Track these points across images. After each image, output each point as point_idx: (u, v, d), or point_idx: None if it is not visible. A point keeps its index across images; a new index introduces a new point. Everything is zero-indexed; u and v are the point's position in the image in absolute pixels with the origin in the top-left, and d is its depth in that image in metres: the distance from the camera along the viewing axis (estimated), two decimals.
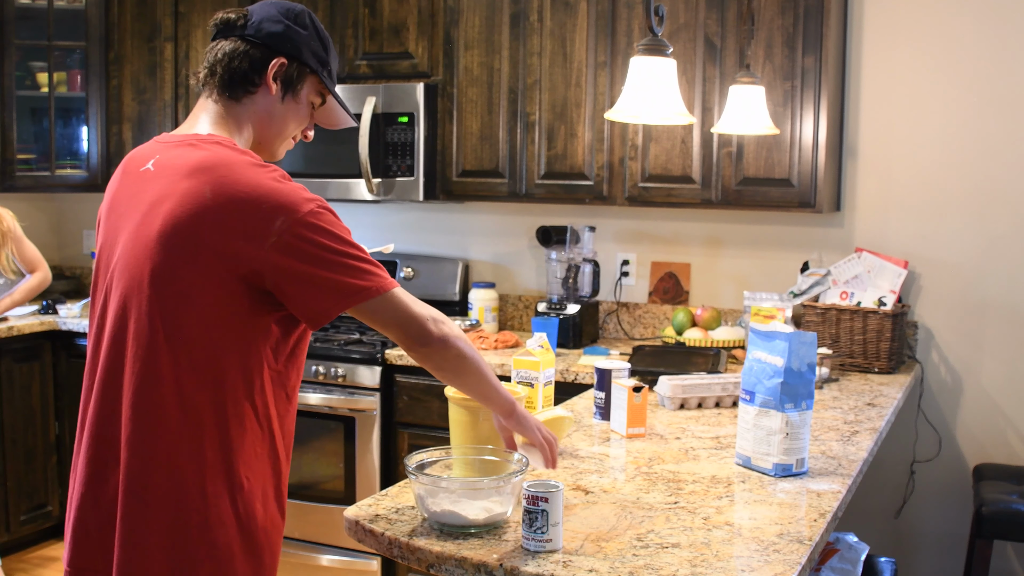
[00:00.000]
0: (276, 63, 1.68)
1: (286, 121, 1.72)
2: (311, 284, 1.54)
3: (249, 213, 1.51)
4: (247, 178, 1.54)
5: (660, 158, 3.47)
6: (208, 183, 1.53)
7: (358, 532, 1.71)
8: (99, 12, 4.31)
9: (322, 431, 3.59)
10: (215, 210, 1.52)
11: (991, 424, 3.44)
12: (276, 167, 1.61)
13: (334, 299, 1.55)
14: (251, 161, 1.58)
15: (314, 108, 1.77)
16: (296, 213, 1.52)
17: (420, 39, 3.80)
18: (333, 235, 1.55)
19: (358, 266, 1.56)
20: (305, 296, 1.55)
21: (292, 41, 1.68)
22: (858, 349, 3.29)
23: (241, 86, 1.67)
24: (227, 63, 1.67)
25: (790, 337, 1.99)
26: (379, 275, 1.59)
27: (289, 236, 1.51)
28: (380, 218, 4.30)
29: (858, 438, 2.39)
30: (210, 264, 1.52)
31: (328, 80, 1.75)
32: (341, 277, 1.54)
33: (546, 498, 1.55)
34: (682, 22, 3.40)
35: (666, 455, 2.19)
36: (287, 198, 1.53)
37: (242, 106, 1.69)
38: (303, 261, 1.52)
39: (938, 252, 3.48)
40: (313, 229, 1.53)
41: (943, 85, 3.45)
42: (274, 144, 1.75)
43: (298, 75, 1.71)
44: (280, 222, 1.51)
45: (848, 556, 2.36)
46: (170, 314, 1.54)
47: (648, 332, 3.88)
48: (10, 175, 4.24)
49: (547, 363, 2.31)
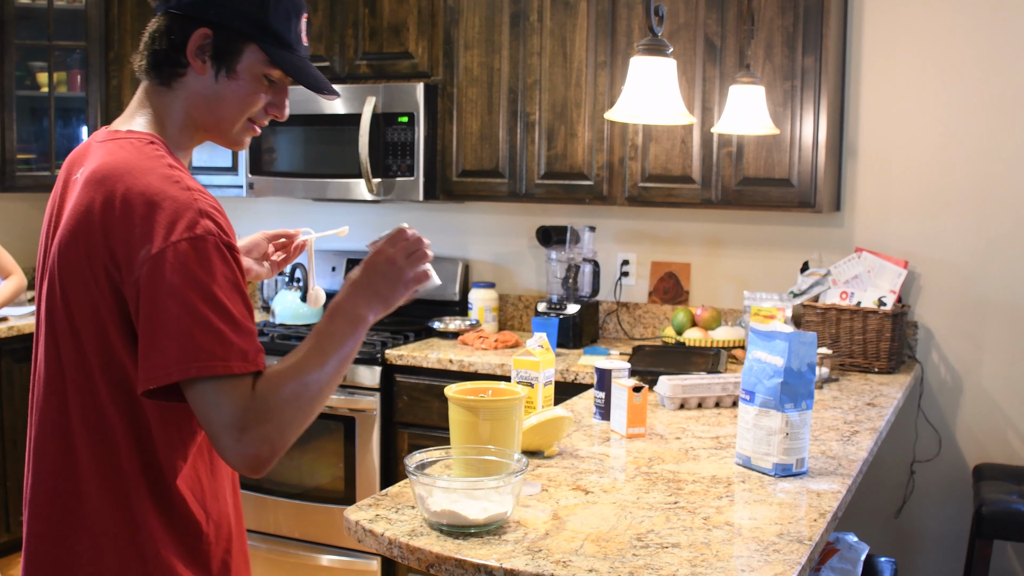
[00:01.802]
0: (198, 36, 1.41)
1: (227, 103, 1.45)
2: (149, 333, 1.30)
3: (127, 230, 1.31)
4: (140, 187, 1.33)
5: (660, 158, 3.47)
6: (98, 196, 1.34)
7: (358, 532, 1.71)
8: (99, 12, 4.30)
9: (322, 431, 3.59)
10: (102, 223, 1.33)
11: (991, 424, 3.45)
12: (181, 174, 1.38)
13: (174, 359, 1.28)
14: (151, 167, 1.37)
15: (271, 82, 1.48)
16: (171, 237, 1.30)
17: (420, 39, 3.80)
18: (203, 276, 1.30)
19: (218, 326, 1.29)
20: (142, 347, 1.31)
21: (215, 6, 1.41)
22: (858, 349, 3.29)
23: (167, 68, 1.44)
24: (150, 44, 1.44)
25: (790, 337, 1.99)
26: (239, 347, 1.31)
27: (152, 266, 1.29)
28: (380, 218, 4.30)
29: (858, 438, 2.39)
30: (88, 288, 1.35)
31: (272, 47, 1.44)
32: (192, 333, 1.28)
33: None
34: (682, 22, 3.40)
35: (666, 455, 2.19)
36: (172, 217, 1.31)
37: (173, 92, 1.45)
38: (150, 302, 1.30)
39: (938, 252, 3.48)
40: (181, 262, 1.29)
41: (943, 85, 3.45)
42: (223, 132, 1.49)
43: (229, 46, 1.42)
44: (151, 246, 1.30)
45: (848, 556, 2.36)
46: (62, 340, 1.39)
47: (648, 332, 3.88)
48: (10, 175, 4.24)
49: (547, 363, 2.31)
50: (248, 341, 1.33)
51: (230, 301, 1.32)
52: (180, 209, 1.32)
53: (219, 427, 1.30)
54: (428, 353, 3.50)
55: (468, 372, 3.39)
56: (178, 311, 1.28)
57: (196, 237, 1.30)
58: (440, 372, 3.45)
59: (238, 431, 1.29)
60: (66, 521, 1.40)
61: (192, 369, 1.28)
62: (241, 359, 1.31)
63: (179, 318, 1.28)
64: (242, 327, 1.32)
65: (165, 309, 1.29)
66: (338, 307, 1.44)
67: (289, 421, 1.34)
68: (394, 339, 3.67)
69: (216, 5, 1.41)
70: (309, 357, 1.37)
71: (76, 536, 1.40)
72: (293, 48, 1.47)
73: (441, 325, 3.84)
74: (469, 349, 3.59)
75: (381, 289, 1.46)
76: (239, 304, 1.33)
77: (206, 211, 1.34)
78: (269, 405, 1.31)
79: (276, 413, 1.32)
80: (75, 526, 1.40)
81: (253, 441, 1.30)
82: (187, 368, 1.28)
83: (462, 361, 3.41)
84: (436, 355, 3.48)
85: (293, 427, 1.35)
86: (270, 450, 1.31)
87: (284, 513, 3.67)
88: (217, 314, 1.30)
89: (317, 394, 1.37)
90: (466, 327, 3.84)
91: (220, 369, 1.29)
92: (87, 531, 1.39)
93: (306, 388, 1.35)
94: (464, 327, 3.83)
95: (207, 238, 1.31)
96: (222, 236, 1.34)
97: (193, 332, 1.28)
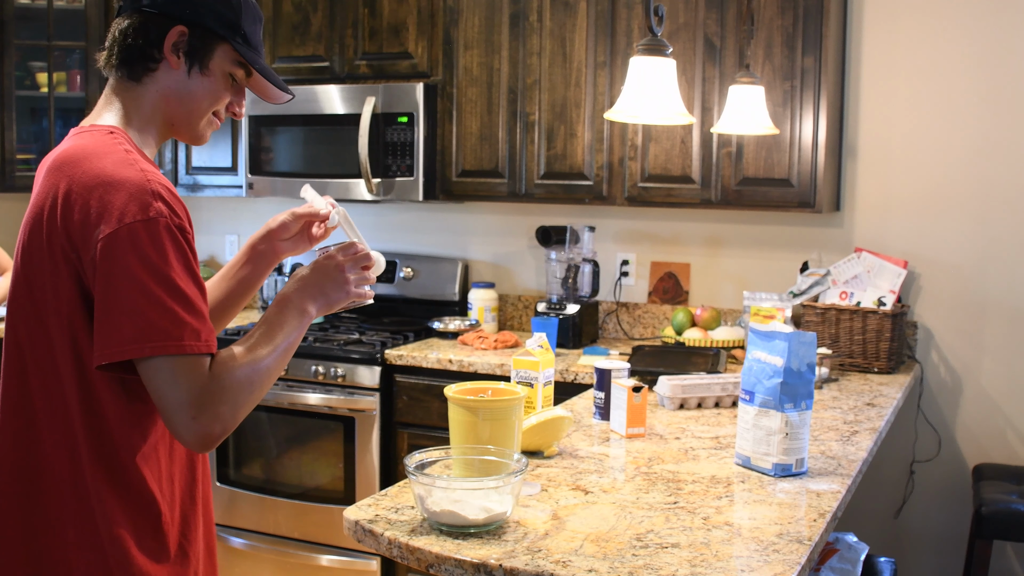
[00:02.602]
0: (174, 33, 1.48)
1: (197, 98, 1.52)
2: (105, 312, 1.35)
3: (83, 212, 1.36)
4: (95, 170, 1.38)
5: (660, 158, 3.47)
6: (55, 182, 1.40)
7: (358, 532, 1.71)
8: (99, 12, 4.30)
9: (322, 431, 3.59)
10: (61, 207, 1.38)
11: (991, 424, 3.45)
12: (136, 158, 1.42)
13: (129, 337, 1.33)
14: (107, 152, 1.41)
15: (235, 81, 1.55)
16: (124, 218, 1.34)
17: (420, 39, 3.80)
18: (156, 257, 1.34)
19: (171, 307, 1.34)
20: (97, 324, 1.36)
21: (192, 5, 1.48)
22: (858, 349, 3.29)
23: (139, 63, 1.49)
24: (121, 40, 1.49)
25: (790, 337, 1.99)
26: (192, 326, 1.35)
27: (106, 246, 1.34)
28: (380, 218, 4.30)
29: (858, 438, 2.39)
30: (49, 271, 1.40)
31: (243, 47, 1.52)
32: (145, 312, 1.33)
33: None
34: (682, 22, 3.41)
35: (666, 455, 2.19)
36: (126, 199, 1.35)
37: (143, 86, 1.51)
38: (105, 281, 1.34)
39: (938, 252, 3.48)
40: (134, 243, 1.33)
41: (943, 85, 3.45)
42: (191, 125, 1.55)
43: (203, 44, 1.50)
44: (105, 226, 1.34)
45: (848, 556, 2.36)
46: (24, 321, 1.44)
47: (648, 332, 3.88)
48: (10, 175, 4.24)
49: (547, 363, 2.31)
50: (200, 322, 1.38)
51: (182, 282, 1.37)
52: (133, 191, 1.36)
53: (176, 405, 1.35)
54: (428, 353, 3.50)
55: (468, 372, 3.39)
56: (132, 291, 1.33)
57: (149, 219, 1.35)
58: (440, 372, 3.45)
59: (195, 409, 1.35)
60: (28, 497, 1.44)
61: (147, 348, 1.33)
62: (195, 338, 1.36)
63: (133, 298, 1.33)
64: (195, 308, 1.37)
65: (119, 288, 1.33)
66: (286, 299, 1.52)
67: (242, 402, 1.40)
68: (394, 339, 3.67)
69: (192, 5, 1.48)
70: (260, 342, 1.45)
71: (37, 511, 1.44)
72: (257, 51, 1.57)
73: (441, 325, 3.84)
74: (469, 349, 3.59)
75: (327, 290, 1.55)
76: (191, 285, 1.38)
77: (159, 193, 1.38)
78: (224, 386, 1.38)
79: (231, 394, 1.38)
80: (36, 502, 1.44)
81: (208, 420, 1.36)
82: (142, 347, 1.33)
83: (462, 361, 3.41)
84: (436, 355, 3.48)
85: (244, 408, 1.41)
86: (222, 429, 1.38)
87: (284, 513, 3.67)
88: (170, 294, 1.35)
89: (267, 378, 1.45)
90: (466, 327, 3.84)
91: (174, 348, 1.34)
92: (47, 507, 1.44)
93: (257, 372, 1.42)
94: (464, 327, 3.83)
95: (159, 220, 1.36)
96: (173, 218, 1.38)
97: (147, 311, 1.33)
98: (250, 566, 3.72)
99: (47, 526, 1.44)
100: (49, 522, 1.44)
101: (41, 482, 1.44)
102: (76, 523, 1.43)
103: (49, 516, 1.44)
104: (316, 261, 1.57)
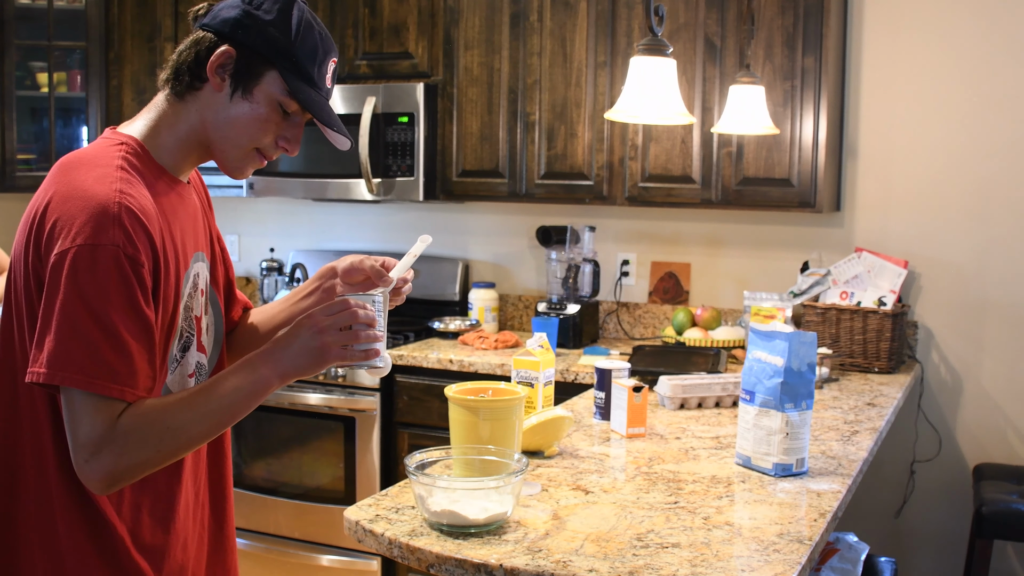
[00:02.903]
0: (221, 53, 1.41)
1: (237, 126, 1.44)
2: (40, 330, 1.31)
3: (53, 221, 1.32)
4: (76, 182, 1.34)
5: (660, 158, 3.47)
6: (47, 188, 1.37)
7: (358, 532, 1.71)
8: (99, 12, 4.30)
9: (322, 431, 3.59)
10: (41, 215, 1.34)
11: (991, 424, 3.45)
12: (121, 175, 1.36)
13: (48, 361, 1.28)
14: (98, 163, 1.37)
15: (286, 113, 1.45)
16: (76, 239, 1.29)
17: (420, 39, 3.80)
18: (91, 288, 1.28)
19: (95, 341, 1.27)
20: (35, 339, 1.32)
21: (245, 27, 1.41)
22: (858, 349, 3.29)
23: (186, 81, 1.44)
24: (176, 56, 1.46)
25: (790, 337, 1.99)
26: (114, 370, 1.28)
27: (54, 264, 1.30)
28: (380, 218, 4.30)
29: (858, 438, 2.39)
30: (25, 277, 1.37)
31: (290, 75, 1.42)
32: (67, 341, 1.28)
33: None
34: (682, 22, 3.40)
35: (666, 455, 2.19)
36: (85, 218, 1.29)
37: (184, 104, 1.45)
38: (46, 300, 1.30)
39: (938, 252, 3.48)
40: (75, 268, 1.28)
41: (943, 85, 3.45)
42: (225, 153, 1.46)
43: (249, 68, 1.42)
44: (60, 244, 1.30)
45: (848, 556, 2.36)
46: (7, 326, 1.42)
47: (648, 332, 3.88)
48: (10, 175, 4.24)
49: (547, 363, 2.31)
50: (124, 362, 1.30)
51: (118, 317, 1.29)
52: (94, 212, 1.30)
53: (74, 441, 1.30)
54: (428, 353, 3.50)
55: (468, 372, 3.39)
56: (62, 315, 1.28)
57: (96, 245, 1.29)
58: (440, 372, 3.45)
59: (89, 453, 1.29)
60: (5, 514, 1.43)
61: (58, 377, 1.28)
62: (109, 379, 1.29)
63: (61, 323, 1.28)
64: (123, 347, 1.30)
65: (53, 311, 1.29)
66: (248, 362, 1.40)
67: (142, 462, 1.33)
68: (394, 339, 3.67)
69: (244, 27, 1.41)
70: (190, 403, 1.36)
71: (11, 529, 1.42)
72: (315, 84, 1.45)
73: (441, 325, 3.84)
74: (469, 349, 3.59)
75: (297, 358, 1.40)
76: (129, 322, 1.30)
77: (120, 218, 1.31)
78: (127, 441, 1.30)
79: (131, 452, 1.31)
80: (11, 520, 1.42)
81: (100, 469, 1.30)
82: (54, 374, 1.28)
83: (462, 361, 3.41)
84: (436, 355, 3.48)
85: (144, 468, 1.34)
86: (111, 481, 1.31)
87: (284, 513, 3.67)
88: (99, 328, 1.28)
89: (183, 443, 1.35)
90: (466, 327, 3.84)
91: (83, 384, 1.28)
92: (16, 513, 1.42)
93: (171, 435, 1.33)
94: (464, 327, 3.83)
95: (107, 248, 1.29)
96: (127, 248, 1.30)
97: (68, 341, 1.27)
98: (250, 566, 3.72)
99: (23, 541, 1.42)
100: (22, 538, 1.42)
101: (15, 487, 1.42)
102: (39, 529, 1.41)
103: (17, 520, 1.42)
104: (297, 320, 1.44)
